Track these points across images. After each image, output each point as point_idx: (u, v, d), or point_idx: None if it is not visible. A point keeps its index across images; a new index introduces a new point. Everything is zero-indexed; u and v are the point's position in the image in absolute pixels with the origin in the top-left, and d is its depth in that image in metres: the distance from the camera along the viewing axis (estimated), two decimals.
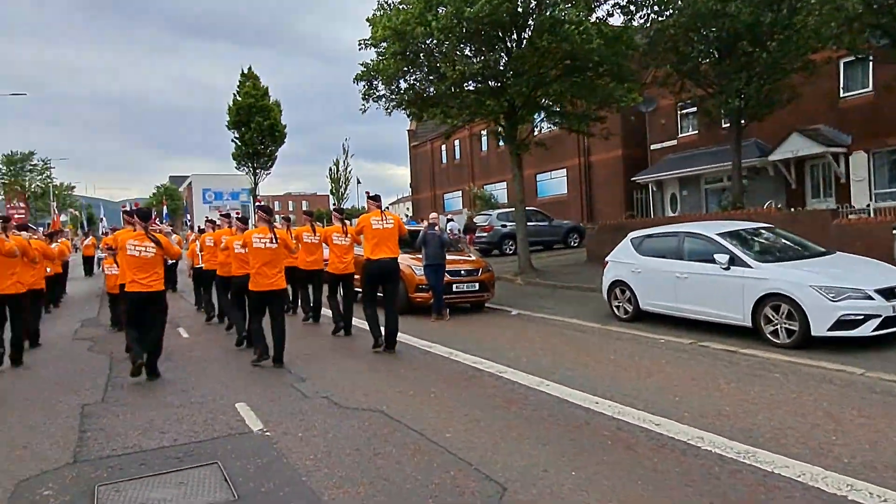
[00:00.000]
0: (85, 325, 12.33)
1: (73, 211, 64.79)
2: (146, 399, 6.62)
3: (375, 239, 8.48)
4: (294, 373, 7.53)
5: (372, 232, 8.51)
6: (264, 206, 8.84)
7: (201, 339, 10.42)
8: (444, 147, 40.92)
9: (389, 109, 17.07)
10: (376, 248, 8.46)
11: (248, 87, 36.80)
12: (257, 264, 7.83)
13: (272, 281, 7.84)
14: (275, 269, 7.89)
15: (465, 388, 6.64)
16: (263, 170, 38.33)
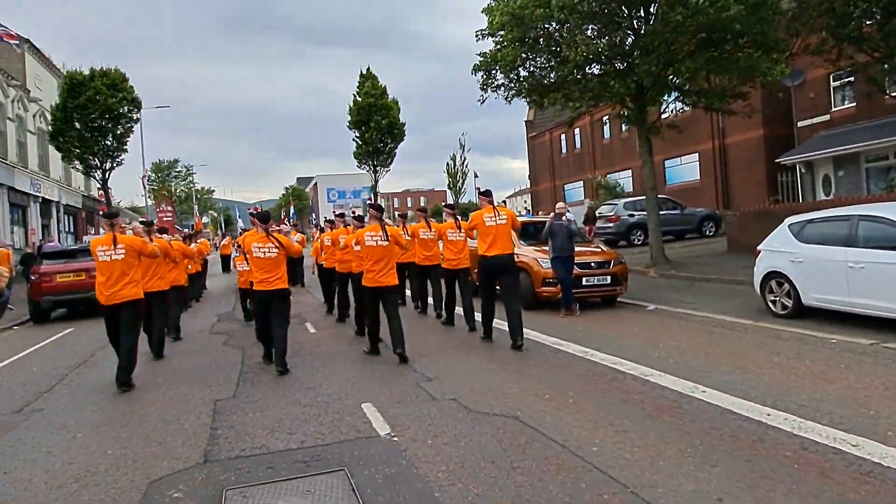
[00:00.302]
0: (221, 320, 12.80)
1: (212, 213, 69.66)
2: (275, 396, 6.52)
3: (489, 235, 8.34)
4: (419, 371, 7.19)
5: (485, 229, 8.37)
6: (376, 204, 8.89)
7: (328, 333, 10.40)
8: (563, 136, 39.73)
9: (509, 98, 16.51)
10: (490, 245, 8.32)
11: (368, 87, 37.56)
12: (370, 261, 7.85)
13: (384, 277, 7.83)
14: (387, 266, 7.87)
15: (606, 392, 5.99)
16: (383, 167, 39.01)
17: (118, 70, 27.33)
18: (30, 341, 11.65)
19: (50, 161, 31.18)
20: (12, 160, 26.99)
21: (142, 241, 7.71)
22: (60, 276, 14.22)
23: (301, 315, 12.59)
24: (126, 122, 27.59)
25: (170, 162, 67.96)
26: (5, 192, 25.94)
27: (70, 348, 10.61)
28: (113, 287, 7.10)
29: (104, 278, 7.16)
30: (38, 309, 14.23)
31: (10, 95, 27.20)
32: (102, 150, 26.99)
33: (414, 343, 8.93)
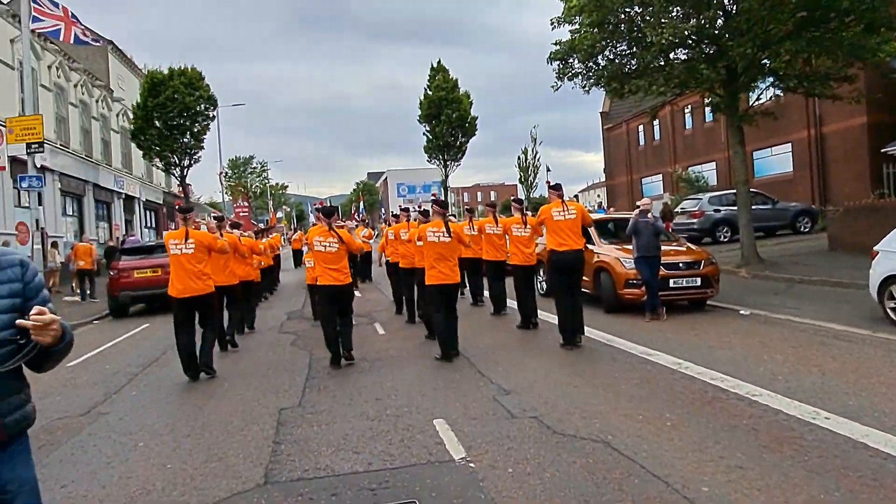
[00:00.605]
0: (290, 318, 12.64)
1: (286, 208, 71.25)
2: (341, 407, 6.11)
3: (558, 230, 8.18)
4: (496, 383, 6.63)
5: (554, 223, 8.22)
6: (440, 199, 8.74)
7: (398, 336, 9.99)
8: (641, 128, 38.15)
9: (587, 87, 15.67)
10: (559, 240, 8.15)
11: (439, 81, 37.21)
12: (431, 257, 7.73)
13: (446, 274, 7.71)
14: (449, 263, 7.75)
15: (709, 415, 5.26)
16: (454, 161, 38.61)
17: (195, 69, 28.01)
18: (106, 337, 11.80)
19: (133, 159, 32.38)
20: (97, 158, 28.11)
21: (212, 236, 7.81)
22: (138, 271, 14.46)
23: (370, 314, 12.27)
24: (202, 119, 28.26)
25: (245, 158, 69.98)
26: (91, 189, 27.02)
27: (143, 346, 10.64)
28: (183, 280, 7.25)
29: (175, 271, 7.33)
30: (117, 304, 14.52)
31: (94, 95, 28.32)
32: (181, 148, 27.74)
33: (485, 347, 8.44)
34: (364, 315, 12.17)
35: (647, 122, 31.83)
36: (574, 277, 8.33)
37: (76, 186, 25.69)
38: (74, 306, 16.84)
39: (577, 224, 8.23)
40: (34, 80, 22.22)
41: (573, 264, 8.23)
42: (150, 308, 15.32)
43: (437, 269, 7.68)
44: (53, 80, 24.10)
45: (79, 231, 26.13)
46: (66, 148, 24.88)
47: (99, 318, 14.66)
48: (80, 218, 26.44)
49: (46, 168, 22.53)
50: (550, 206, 8.39)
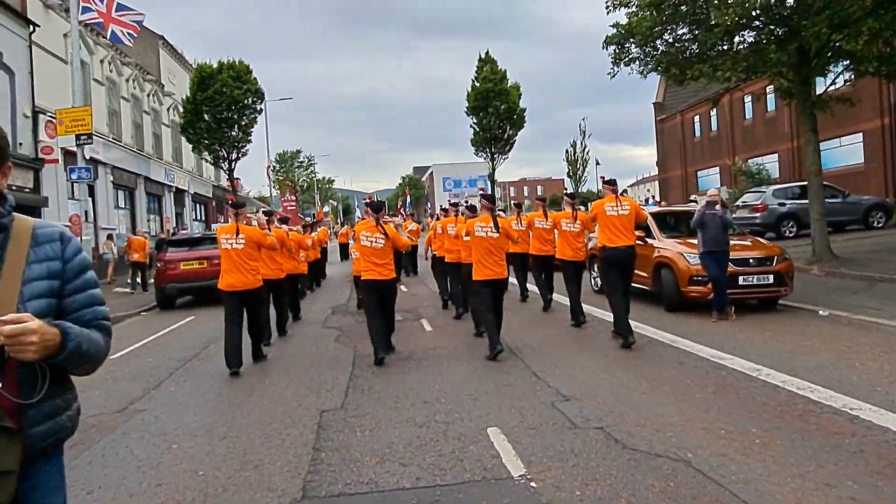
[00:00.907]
0: (335, 312, 12.30)
1: (332, 202, 71.69)
2: (387, 411, 5.66)
3: (611, 226, 8.03)
4: (553, 386, 6.08)
5: (607, 219, 8.08)
6: (487, 194, 8.56)
7: (445, 333, 9.51)
8: (696, 118, 36.76)
9: (645, 73, 14.88)
10: (612, 236, 8.01)
11: (486, 72, 36.54)
12: (479, 253, 7.60)
13: (494, 270, 7.54)
14: (496, 258, 7.59)
15: (802, 431, 4.60)
16: (501, 154, 37.92)
17: (243, 63, 28.08)
18: (151, 329, 11.69)
19: (183, 152, 32.80)
20: (148, 152, 28.50)
21: (262, 233, 7.86)
22: (184, 263, 14.37)
23: (416, 310, 11.83)
24: (250, 112, 28.33)
25: (293, 152, 70.63)
26: (142, 182, 27.41)
27: (187, 338, 10.44)
28: (233, 274, 7.40)
29: (225, 265, 7.51)
30: (164, 295, 14.47)
31: (145, 90, 28.71)
32: (228, 141, 27.88)
33: (538, 347, 7.93)
34: (410, 311, 11.75)
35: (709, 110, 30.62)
36: (626, 274, 8.15)
37: (128, 179, 26.07)
38: (124, 297, 16.95)
39: (630, 220, 8.04)
40: (86, 73, 22.58)
41: (626, 261, 8.04)
42: (198, 300, 15.26)
43: (484, 264, 7.55)
44: (105, 74, 24.45)
45: (131, 224, 26.56)
46: (118, 141, 25.24)
47: (147, 310, 14.64)
48: (132, 210, 26.85)
49: (99, 161, 22.90)
50: (604, 201, 8.20)
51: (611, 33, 14.84)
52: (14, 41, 18.06)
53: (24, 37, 18.55)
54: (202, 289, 14.45)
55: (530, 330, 9.27)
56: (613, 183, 8.46)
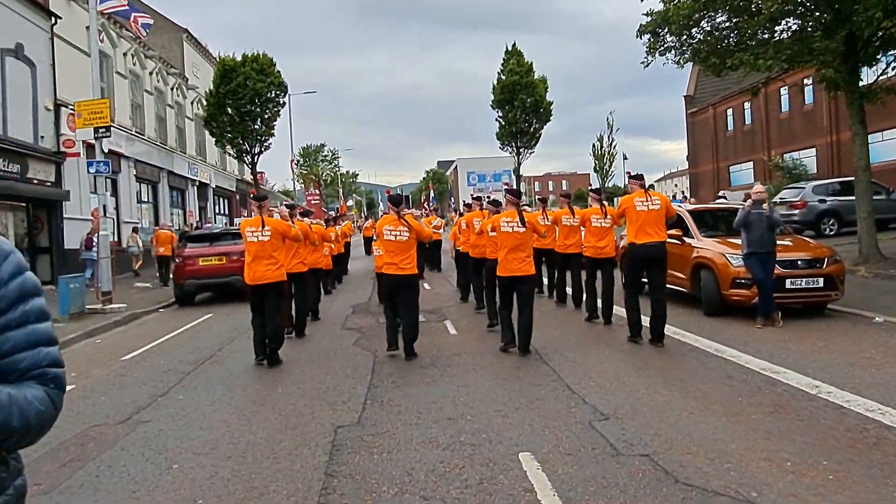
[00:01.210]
0: (356, 312, 11.86)
1: (356, 196, 71.53)
2: (407, 428, 5.17)
3: (640, 222, 7.73)
4: (589, 402, 5.54)
5: (636, 214, 7.77)
6: (513, 189, 8.62)
7: (471, 336, 9.00)
8: (729, 111, 35.68)
9: (682, 62, 14.18)
10: (641, 232, 7.71)
11: (512, 65, 35.83)
12: (504, 249, 7.44)
13: (519, 266, 7.37)
14: (522, 254, 7.42)
15: (882, 465, 4.01)
16: (527, 149, 37.21)
17: (266, 55, 27.76)
18: (167, 327, 11.37)
19: (206, 146, 32.68)
20: (171, 145, 28.38)
21: (286, 224, 7.92)
22: (202, 259, 14.06)
23: (440, 311, 11.34)
24: (273, 106, 28.03)
25: (317, 146, 70.52)
26: (165, 176, 27.29)
27: (201, 339, 10.08)
28: (258, 267, 7.44)
29: (251, 258, 7.52)
30: (182, 292, 14.17)
31: (169, 83, 28.57)
32: (252, 135, 27.63)
33: (570, 353, 7.38)
34: (434, 311, 11.26)
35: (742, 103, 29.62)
36: (655, 272, 7.86)
37: (151, 173, 25.96)
38: (144, 293, 16.74)
39: (660, 216, 7.74)
40: (109, 66, 22.43)
41: (656, 258, 7.74)
42: (217, 296, 14.97)
43: (509, 259, 7.38)
44: (129, 67, 24.31)
45: (154, 217, 26.47)
46: (141, 135, 25.11)
47: (165, 306, 14.36)
48: (154, 204, 26.76)
49: (122, 155, 22.78)
50: (633, 196, 7.91)
51: (645, 21, 14.18)
52: (35, 33, 17.90)
53: (45, 28, 18.38)
54: (221, 285, 14.15)
55: (557, 331, 8.80)
56: (640, 178, 8.23)
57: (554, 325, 9.44)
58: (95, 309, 12.96)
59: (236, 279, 13.79)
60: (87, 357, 9.14)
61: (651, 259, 7.74)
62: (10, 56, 16.71)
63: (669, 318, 8.61)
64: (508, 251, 7.38)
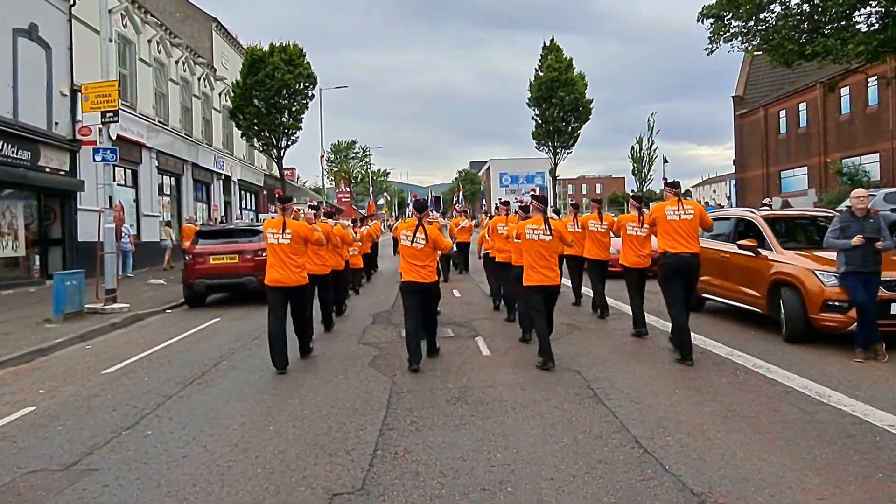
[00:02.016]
0: (376, 322, 10.58)
1: (387, 195, 70.55)
2: (424, 492, 3.84)
3: (671, 231, 7.37)
4: (671, 470, 4.13)
5: (667, 224, 7.41)
6: (539, 195, 8.01)
7: (506, 359, 7.62)
8: (782, 112, 33.62)
9: (750, 49, 12.64)
10: (672, 242, 7.35)
11: (551, 60, 34.40)
12: (530, 257, 7.20)
13: (545, 275, 7.13)
14: (549, 263, 7.17)
15: None
16: (564, 149, 35.72)
17: (296, 45, 26.77)
18: (167, 333, 10.23)
19: (234, 140, 31.81)
20: (197, 137, 27.50)
21: (309, 228, 7.62)
22: (214, 257, 12.92)
23: (471, 324, 9.98)
24: (302, 98, 27.00)
25: (348, 143, 69.63)
26: (190, 169, 26.43)
27: (200, 349, 8.90)
28: (278, 270, 7.21)
29: (271, 260, 7.32)
30: (192, 292, 13.06)
31: (196, 73, 27.70)
32: (279, 128, 26.62)
33: (628, 385, 5.97)
34: (464, 324, 9.94)
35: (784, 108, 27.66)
36: (689, 285, 7.48)
37: (174, 165, 25.10)
38: (155, 291, 15.72)
39: (693, 225, 7.38)
40: (132, 53, 21.58)
41: (688, 269, 7.36)
42: (231, 298, 13.87)
43: (535, 269, 7.15)
44: (153, 54, 23.44)
45: (176, 211, 25.64)
46: (165, 125, 24.25)
47: (174, 307, 13.28)
48: (178, 198, 25.91)
49: (143, 145, 21.93)
50: (664, 205, 7.57)
51: (708, 3, 12.66)
52: (51, 14, 17.03)
53: (63, 10, 17.51)
54: (233, 286, 13.02)
55: (605, 350, 7.39)
56: (676, 185, 7.86)
57: (598, 344, 8.12)
58: (95, 308, 11.89)
59: (250, 280, 12.68)
60: (66, 367, 8.00)
61: (683, 270, 7.30)
62: (23, 36, 15.83)
63: (744, 343, 7.94)
64: (534, 259, 7.14)
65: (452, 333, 9.16)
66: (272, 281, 7.24)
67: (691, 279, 7.49)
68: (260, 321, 10.30)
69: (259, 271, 12.81)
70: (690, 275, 7.42)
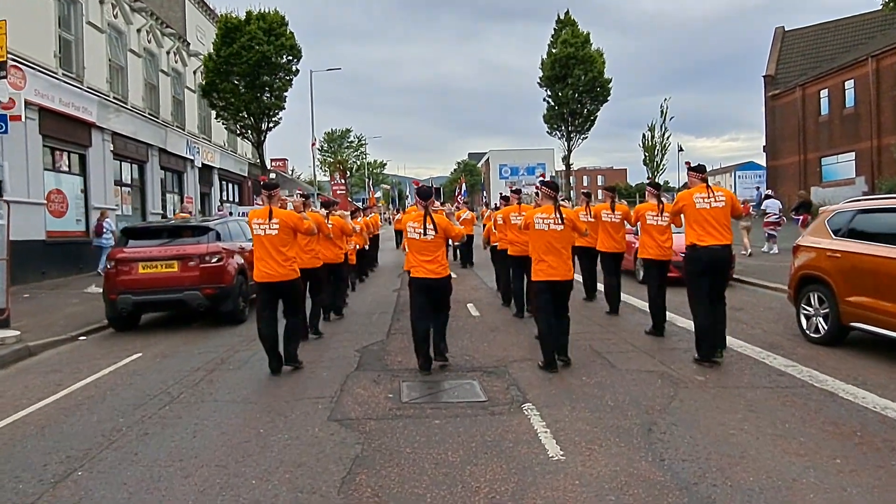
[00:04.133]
0: (362, 366, 7.17)
1: (385, 186, 67.14)
2: None
3: (701, 220, 6.57)
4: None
5: (695, 212, 6.61)
6: (549, 181, 7.03)
7: (579, 455, 4.24)
8: (823, 92, 30.19)
9: None
10: (702, 233, 6.54)
11: (566, 35, 30.88)
12: (539, 249, 6.51)
13: (557, 269, 6.43)
14: (561, 255, 6.46)
15: None
16: (579, 134, 32.28)
17: (277, 12, 23.28)
18: (51, 382, 6.82)
19: (213, 124, 28.32)
20: (165, 119, 24.01)
21: (298, 217, 7.00)
22: (144, 265, 9.52)
23: (505, 369, 6.54)
24: (285, 74, 23.54)
25: (342, 132, 65.93)
26: (156, 155, 22.96)
27: (101, 410, 5.55)
28: (265, 263, 6.67)
29: (258, 253, 6.76)
30: (115, 312, 9.67)
31: (164, 46, 24.16)
32: (258, 108, 23.17)
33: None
34: (495, 370, 6.55)
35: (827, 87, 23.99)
36: (718, 281, 6.66)
37: (136, 150, 21.64)
38: (86, 303, 12.29)
39: (725, 214, 6.59)
40: (77, 14, 18.08)
41: (718, 263, 6.56)
42: (173, 317, 10.55)
43: (546, 262, 6.48)
44: (106, 19, 19.90)
45: (140, 203, 22.25)
46: (123, 103, 20.78)
47: (95, 330, 9.89)
48: (141, 187, 22.46)
49: (92, 124, 18.48)
50: (692, 191, 6.74)
51: None
52: None
53: None
54: (171, 303, 9.64)
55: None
56: (702, 170, 6.97)
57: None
58: None
59: (194, 296, 9.35)
60: None
61: (714, 264, 6.57)
62: None
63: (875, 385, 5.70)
64: (543, 251, 6.50)
65: (484, 396, 5.75)
66: (260, 276, 6.73)
67: (723, 274, 6.77)
68: (202, 356, 7.74)
69: (208, 282, 9.50)
70: (722, 270, 6.70)
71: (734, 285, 12.81)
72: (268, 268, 6.65)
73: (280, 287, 6.72)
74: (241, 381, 6.56)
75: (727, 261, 6.73)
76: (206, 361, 7.48)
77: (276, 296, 6.78)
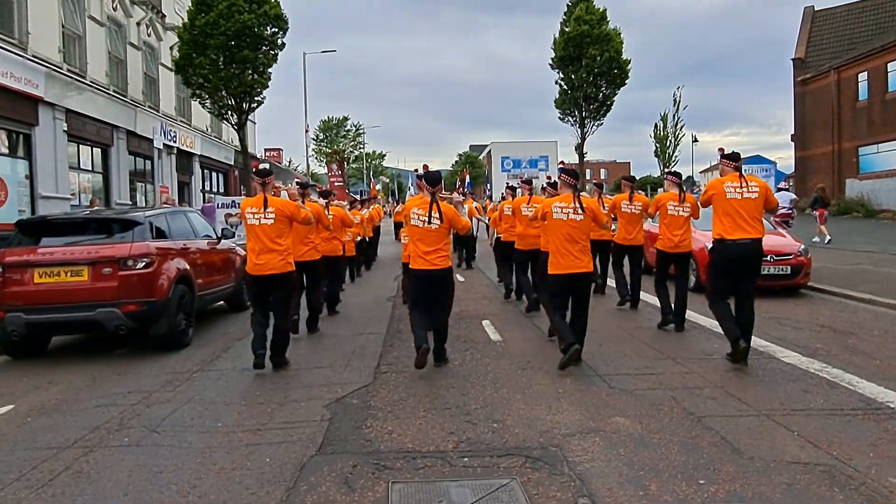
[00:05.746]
0: (345, 396, 4.69)
1: (384, 178, 64.68)
2: None
3: (731, 212, 6.13)
4: None
5: (727, 203, 6.17)
6: (569, 168, 6.89)
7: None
8: (862, 75, 27.58)
9: None
10: (732, 225, 6.09)
11: (580, 12, 28.24)
12: (557, 240, 6.13)
13: (577, 261, 6.07)
14: (578, 247, 6.09)
15: None
16: (593, 119, 29.70)
17: None
18: None
19: (193, 105, 25.68)
20: (135, 97, 21.36)
21: (294, 205, 6.74)
22: (41, 272, 6.95)
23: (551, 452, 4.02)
24: (269, 48, 20.95)
25: (339, 120, 63.17)
26: (123, 138, 20.35)
27: None
28: (260, 255, 6.32)
29: (252, 244, 6.41)
30: (5, 335, 7.12)
31: (134, 16, 21.49)
32: (240, 85, 20.58)
33: None
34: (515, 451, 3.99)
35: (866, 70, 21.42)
36: (748, 277, 6.17)
37: (98, 132, 19.03)
38: None
39: (758, 206, 6.19)
40: None
41: (749, 259, 6.10)
42: (88, 341, 8.05)
43: (563, 253, 6.11)
44: None
45: (104, 192, 19.67)
46: (81, 77, 18.15)
47: None
48: (105, 174, 19.87)
49: (40, 99, 15.88)
50: (723, 180, 6.30)
51: None
52: None
53: None
54: (80, 324, 7.09)
55: None
56: (735, 158, 6.45)
57: None
58: None
59: (110, 314, 6.83)
60: None
61: (743, 260, 6.06)
62: None
63: None
64: (562, 243, 6.07)
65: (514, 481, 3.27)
66: (252, 268, 6.33)
67: (754, 271, 6.23)
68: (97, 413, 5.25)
69: (131, 296, 6.97)
70: (752, 266, 6.17)
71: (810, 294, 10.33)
72: (261, 260, 6.28)
73: (273, 280, 6.35)
74: (126, 473, 4.02)
75: (758, 256, 6.24)
76: (98, 424, 4.94)
77: (267, 291, 6.42)
